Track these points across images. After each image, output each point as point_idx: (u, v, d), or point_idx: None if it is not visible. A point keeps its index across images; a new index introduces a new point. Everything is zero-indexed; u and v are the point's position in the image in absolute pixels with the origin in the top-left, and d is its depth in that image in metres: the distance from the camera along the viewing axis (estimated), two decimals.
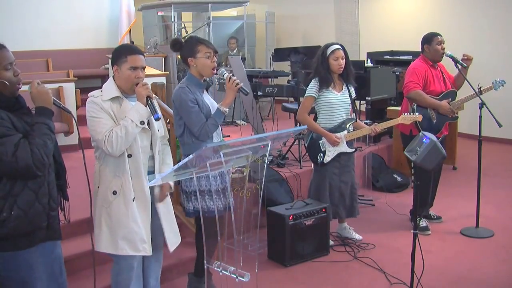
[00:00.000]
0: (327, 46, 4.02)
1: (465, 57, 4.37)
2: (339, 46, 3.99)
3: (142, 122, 2.59)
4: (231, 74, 3.16)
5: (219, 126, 3.28)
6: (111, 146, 2.52)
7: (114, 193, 2.64)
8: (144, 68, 2.69)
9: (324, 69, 3.99)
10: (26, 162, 2.08)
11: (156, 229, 2.80)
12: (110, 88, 2.67)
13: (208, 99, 3.22)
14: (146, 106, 2.58)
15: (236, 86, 3.05)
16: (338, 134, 4.04)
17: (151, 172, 2.75)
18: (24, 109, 2.29)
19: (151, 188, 2.74)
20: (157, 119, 2.61)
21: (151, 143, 2.74)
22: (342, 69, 4.00)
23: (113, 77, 2.72)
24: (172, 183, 2.84)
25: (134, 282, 2.79)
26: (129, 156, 2.64)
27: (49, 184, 2.26)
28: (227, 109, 3.10)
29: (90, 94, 2.68)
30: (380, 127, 4.08)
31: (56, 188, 2.34)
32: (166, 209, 2.86)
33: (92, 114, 2.59)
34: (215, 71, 3.13)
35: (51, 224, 2.28)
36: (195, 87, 3.13)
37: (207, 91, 3.27)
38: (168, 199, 2.90)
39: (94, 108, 2.59)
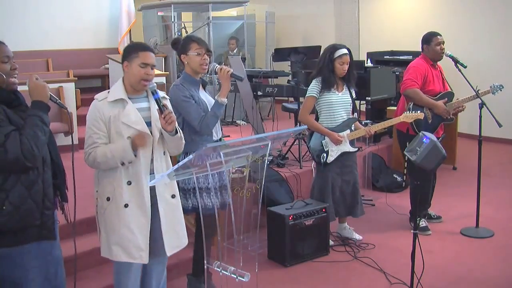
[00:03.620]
0: (335, 48, 3.99)
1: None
2: (347, 51, 3.97)
3: (122, 163, 2.58)
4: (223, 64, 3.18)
5: (219, 121, 3.29)
6: (88, 163, 2.60)
7: (108, 199, 2.62)
8: (154, 66, 2.68)
9: (328, 70, 3.99)
10: (15, 153, 2.06)
11: (158, 233, 2.75)
12: (117, 89, 2.67)
13: (205, 96, 3.23)
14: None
15: (227, 73, 3.05)
16: (341, 133, 4.04)
17: (151, 173, 2.72)
18: (23, 106, 2.28)
19: (154, 193, 2.70)
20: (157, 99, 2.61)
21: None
22: (345, 73, 4.00)
23: (123, 78, 2.72)
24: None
25: (132, 283, 2.77)
26: (130, 162, 2.61)
27: (44, 182, 2.23)
28: (225, 100, 3.10)
29: (96, 96, 2.67)
30: (375, 128, 4.09)
31: (52, 188, 2.30)
32: (170, 210, 2.78)
33: (89, 122, 2.64)
34: (206, 67, 3.13)
35: (45, 223, 2.24)
36: (190, 84, 3.16)
37: (204, 88, 3.28)
38: (177, 200, 2.84)
39: (93, 115, 2.62)
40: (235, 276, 2.47)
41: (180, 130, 2.80)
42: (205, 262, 2.62)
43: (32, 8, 8.24)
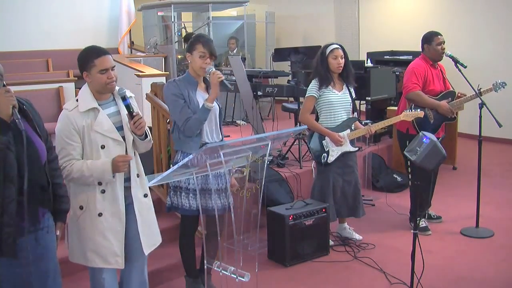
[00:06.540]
0: (326, 45, 4.05)
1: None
2: (338, 46, 4.01)
3: (99, 183, 2.56)
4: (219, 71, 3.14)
5: (219, 125, 3.27)
6: (65, 176, 2.52)
7: (81, 208, 2.59)
8: (114, 67, 2.60)
9: (323, 68, 4.01)
10: None
11: (135, 234, 2.72)
12: (86, 97, 2.60)
13: (204, 98, 3.16)
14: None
15: (218, 79, 3.02)
16: (341, 134, 4.04)
17: (127, 179, 2.67)
18: None
19: (129, 194, 2.68)
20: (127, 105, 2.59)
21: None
22: (341, 68, 4.01)
23: (88, 85, 2.63)
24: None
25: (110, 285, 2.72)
26: (107, 183, 2.58)
27: (4, 197, 2.12)
28: (212, 105, 3.04)
29: (64, 106, 2.61)
30: (375, 127, 4.09)
31: (14, 204, 2.14)
32: (144, 210, 2.76)
33: (61, 133, 2.54)
34: (205, 71, 3.11)
35: (5, 240, 2.12)
36: (187, 83, 3.13)
37: (207, 91, 3.25)
38: (149, 199, 2.81)
39: (65, 126, 2.53)
40: (235, 276, 2.47)
41: (149, 133, 2.77)
42: (205, 262, 2.62)
43: (32, 8, 8.24)
